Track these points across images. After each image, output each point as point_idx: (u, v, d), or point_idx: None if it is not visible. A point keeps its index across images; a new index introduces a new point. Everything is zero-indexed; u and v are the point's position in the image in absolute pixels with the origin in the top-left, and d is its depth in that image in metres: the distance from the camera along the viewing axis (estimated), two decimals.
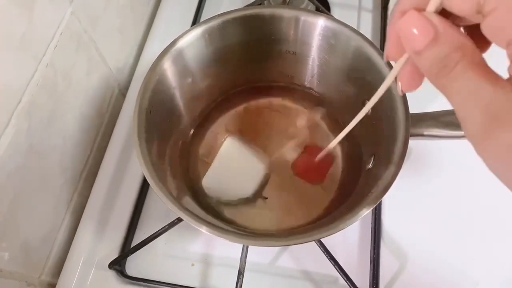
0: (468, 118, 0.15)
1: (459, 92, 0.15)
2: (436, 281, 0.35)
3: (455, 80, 0.15)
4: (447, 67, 0.15)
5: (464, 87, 0.15)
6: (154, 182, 0.28)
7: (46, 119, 0.34)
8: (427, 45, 0.16)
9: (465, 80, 0.15)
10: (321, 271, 0.36)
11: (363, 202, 0.27)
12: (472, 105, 0.15)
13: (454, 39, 0.16)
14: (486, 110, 0.15)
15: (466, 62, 0.15)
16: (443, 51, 0.16)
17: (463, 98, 0.15)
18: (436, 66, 0.16)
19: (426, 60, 0.16)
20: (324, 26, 0.32)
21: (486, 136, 0.15)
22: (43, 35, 0.32)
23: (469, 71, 0.15)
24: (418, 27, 0.16)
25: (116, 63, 0.45)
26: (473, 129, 0.15)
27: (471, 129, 0.15)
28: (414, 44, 0.16)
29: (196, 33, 0.33)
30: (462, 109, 0.16)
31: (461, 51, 0.15)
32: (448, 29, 0.16)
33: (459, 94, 0.16)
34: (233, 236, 0.26)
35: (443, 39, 0.16)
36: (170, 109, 0.34)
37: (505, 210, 0.37)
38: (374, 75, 0.31)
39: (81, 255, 0.38)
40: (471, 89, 0.15)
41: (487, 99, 0.15)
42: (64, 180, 0.38)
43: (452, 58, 0.15)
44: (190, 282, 0.36)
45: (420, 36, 0.16)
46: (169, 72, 0.32)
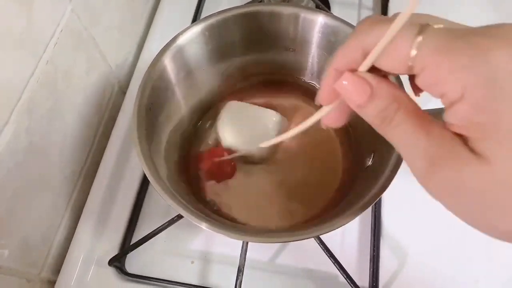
0: (410, 162, 0.17)
1: (400, 140, 0.17)
2: (436, 279, 0.35)
3: (395, 129, 0.17)
4: (387, 118, 0.17)
5: (403, 136, 0.17)
6: (154, 178, 0.28)
7: (46, 116, 0.34)
8: (365, 101, 0.18)
9: (403, 130, 0.17)
10: (320, 269, 0.36)
11: (363, 199, 0.27)
12: (412, 151, 0.17)
13: (389, 92, 0.18)
14: (424, 156, 0.16)
15: (402, 112, 0.17)
16: (381, 104, 0.17)
17: (404, 146, 0.17)
18: (378, 118, 0.18)
19: (368, 113, 0.18)
20: (324, 23, 0.32)
21: (427, 177, 0.17)
22: (43, 33, 0.32)
23: (405, 121, 0.17)
24: (356, 86, 0.18)
25: (116, 61, 0.45)
26: (416, 172, 0.17)
27: (415, 171, 0.17)
28: (355, 101, 0.18)
29: (196, 30, 0.33)
30: (405, 154, 0.18)
31: (397, 103, 0.17)
32: (383, 85, 0.18)
33: (400, 142, 0.17)
34: (232, 232, 0.26)
35: (379, 94, 0.18)
36: (170, 106, 0.34)
37: None
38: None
39: (81, 252, 0.38)
40: (409, 138, 0.17)
41: (422, 146, 0.16)
42: (64, 177, 0.38)
43: (390, 110, 0.17)
44: (189, 279, 0.36)
45: (359, 94, 0.18)
46: (169, 69, 0.32)
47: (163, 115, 0.33)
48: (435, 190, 0.17)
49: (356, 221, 0.38)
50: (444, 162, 0.16)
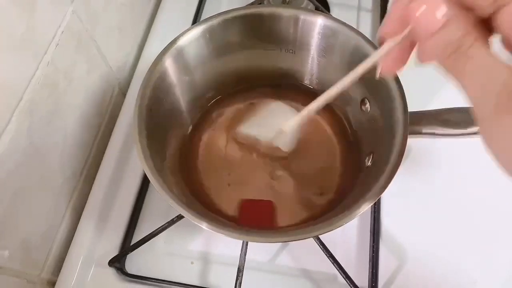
0: (481, 97, 0.15)
1: (473, 72, 0.16)
2: (435, 279, 0.36)
3: (469, 60, 0.16)
4: (461, 48, 0.16)
5: (479, 67, 0.15)
6: (155, 179, 0.28)
7: (47, 117, 0.34)
8: (442, 26, 0.16)
9: (480, 60, 0.15)
10: (320, 269, 0.36)
11: (362, 199, 0.27)
12: (487, 83, 0.15)
13: (467, 21, 0.16)
14: (502, 90, 0.15)
15: (480, 43, 0.16)
16: (458, 32, 0.16)
17: (478, 78, 0.15)
18: (450, 47, 0.16)
19: (439, 41, 0.16)
20: (323, 25, 0.33)
21: (501, 114, 0.15)
22: (44, 34, 0.32)
23: (485, 51, 0.15)
24: (434, 8, 0.16)
25: (117, 62, 0.45)
26: (486, 109, 0.15)
27: (483, 109, 0.15)
28: (428, 26, 0.16)
29: (196, 31, 0.33)
30: (476, 89, 0.16)
31: (474, 34, 0.16)
32: (461, 12, 0.16)
33: (472, 74, 0.16)
34: (232, 231, 0.26)
35: (456, 21, 0.16)
36: (171, 106, 0.35)
37: (503, 208, 0.38)
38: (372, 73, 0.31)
39: (81, 253, 0.38)
40: (486, 69, 0.15)
41: (503, 79, 0.15)
42: (64, 178, 0.38)
43: (467, 39, 0.16)
44: (189, 280, 0.36)
45: (434, 17, 0.16)
46: (170, 69, 0.33)
47: (164, 116, 0.33)
48: (507, 130, 0.15)
49: (355, 222, 0.38)
50: None
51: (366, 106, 0.33)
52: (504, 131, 0.15)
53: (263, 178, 0.37)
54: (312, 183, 0.36)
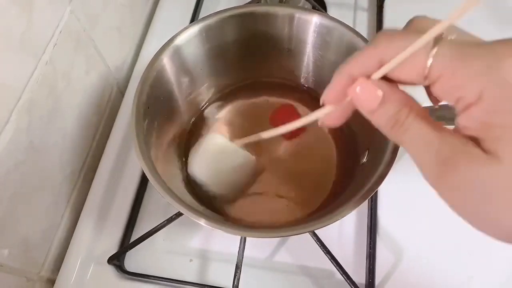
0: (422, 165, 0.18)
1: (412, 142, 0.18)
2: (431, 275, 0.36)
3: (407, 131, 0.18)
4: (399, 121, 0.18)
5: (415, 136, 0.18)
6: (153, 177, 0.28)
7: (46, 117, 0.35)
8: (378, 106, 0.18)
9: (415, 130, 0.18)
10: (318, 266, 0.37)
11: (357, 195, 0.27)
12: (424, 152, 0.17)
13: (401, 97, 0.18)
14: (436, 158, 0.17)
15: (414, 115, 0.18)
16: (393, 108, 0.18)
17: (416, 147, 0.18)
18: (390, 122, 0.18)
19: (380, 117, 0.19)
20: (319, 23, 0.33)
21: (440, 179, 0.17)
22: (43, 34, 0.33)
23: (417, 123, 0.18)
24: (369, 92, 0.19)
25: (115, 62, 0.45)
26: (428, 174, 0.17)
27: (426, 173, 0.18)
28: (367, 106, 0.19)
29: (193, 30, 0.33)
30: (416, 156, 0.18)
31: (408, 107, 0.18)
32: (394, 90, 0.19)
33: (411, 143, 0.18)
34: (230, 228, 0.26)
35: (391, 98, 0.18)
36: (168, 105, 0.35)
37: None
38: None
39: (80, 251, 0.38)
40: (421, 138, 0.17)
41: (435, 146, 0.17)
42: (63, 176, 0.39)
43: (402, 113, 0.18)
44: (188, 277, 0.36)
45: (371, 99, 0.19)
46: (167, 68, 0.33)
47: (161, 114, 0.34)
48: (447, 191, 0.17)
49: (352, 218, 0.38)
50: (458, 162, 0.16)
51: None
52: (445, 191, 0.17)
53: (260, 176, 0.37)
54: (308, 180, 0.37)
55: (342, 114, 0.22)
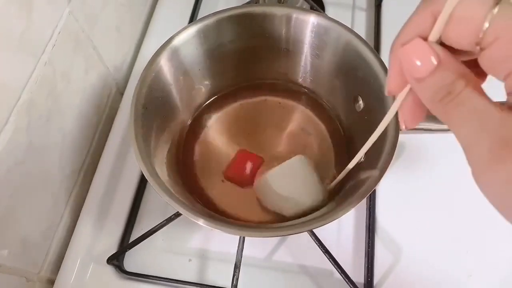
0: (474, 144, 0.15)
1: (464, 119, 0.15)
2: (430, 273, 0.36)
3: (460, 105, 0.15)
4: (452, 93, 0.15)
5: (470, 112, 0.15)
6: (151, 177, 0.28)
7: (45, 117, 0.35)
8: (431, 71, 0.16)
9: (471, 106, 0.15)
10: (316, 265, 0.37)
11: (355, 194, 0.27)
12: (479, 130, 0.15)
13: (457, 66, 0.16)
14: (495, 135, 0.14)
15: (470, 88, 0.15)
16: (448, 78, 0.16)
17: (469, 124, 0.15)
18: (440, 93, 0.16)
19: (429, 87, 0.16)
20: (316, 23, 0.33)
21: (494, 163, 0.14)
22: (42, 34, 0.33)
23: (475, 97, 0.15)
24: (422, 54, 0.16)
25: (114, 62, 0.46)
26: (479, 156, 0.15)
27: (476, 155, 0.15)
28: (418, 71, 0.16)
29: (191, 31, 0.33)
30: (467, 135, 0.15)
31: (464, 79, 0.16)
32: (451, 58, 0.16)
33: (464, 121, 0.15)
34: (228, 227, 0.26)
35: (446, 66, 0.16)
36: (167, 105, 0.35)
37: None
38: (365, 70, 0.31)
39: (80, 251, 0.38)
40: (478, 114, 0.15)
41: (495, 124, 0.14)
42: (63, 176, 0.39)
43: (457, 84, 0.15)
44: (187, 277, 0.37)
45: (424, 63, 0.16)
46: (165, 69, 0.33)
47: (160, 114, 0.34)
48: (499, 182, 0.14)
49: (350, 218, 0.38)
50: None
51: (359, 103, 0.34)
52: (497, 181, 0.15)
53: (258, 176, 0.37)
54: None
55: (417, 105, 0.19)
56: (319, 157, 0.38)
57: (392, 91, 0.19)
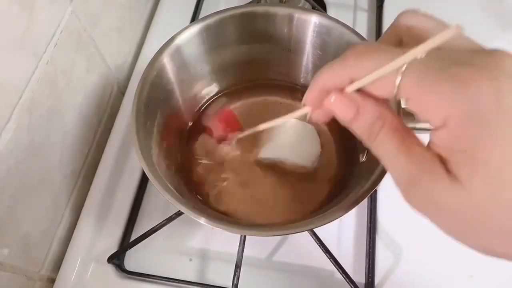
0: (393, 176, 0.19)
1: (384, 156, 0.19)
2: (431, 274, 0.36)
3: (379, 146, 0.19)
4: (373, 134, 0.19)
5: (386, 153, 0.18)
6: (153, 176, 0.28)
7: (47, 116, 0.35)
8: (352, 118, 0.19)
9: (386, 148, 0.18)
10: (317, 266, 0.37)
11: (356, 193, 0.27)
12: (394, 167, 0.18)
13: (375, 110, 0.19)
14: (404, 173, 0.18)
15: (386, 129, 0.18)
16: (367, 121, 0.19)
17: (387, 161, 0.19)
18: (365, 133, 0.19)
19: (356, 128, 0.19)
20: (318, 23, 0.33)
21: (406, 192, 0.18)
22: (44, 33, 0.33)
23: (388, 139, 0.18)
24: (343, 105, 0.19)
25: (115, 62, 0.46)
26: (398, 185, 0.18)
27: (397, 185, 0.19)
28: (343, 117, 0.19)
29: (194, 30, 0.33)
30: (388, 169, 0.19)
31: (381, 120, 0.18)
32: (368, 102, 0.19)
33: (383, 157, 0.19)
34: (229, 226, 0.26)
35: (365, 111, 0.19)
36: (168, 104, 0.35)
37: None
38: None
39: (80, 250, 0.38)
40: (391, 156, 0.18)
41: (403, 164, 0.18)
42: (64, 175, 0.39)
43: (375, 126, 0.18)
44: (188, 277, 0.37)
45: (346, 112, 0.19)
46: (167, 67, 0.33)
47: (162, 113, 0.34)
48: (414, 204, 0.18)
49: (352, 218, 0.38)
50: (420, 179, 0.17)
51: None
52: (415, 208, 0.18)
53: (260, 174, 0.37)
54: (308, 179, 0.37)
55: (325, 114, 0.23)
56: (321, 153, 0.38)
57: (308, 105, 0.23)
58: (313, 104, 0.22)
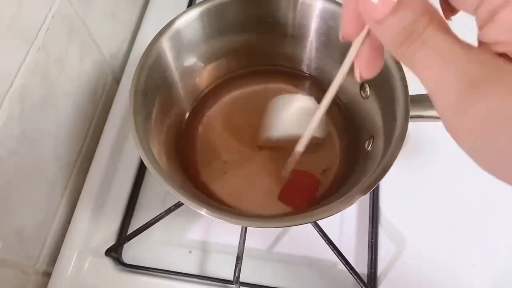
0: (440, 87, 0.14)
1: (429, 60, 0.14)
2: (434, 264, 0.36)
3: (424, 46, 0.14)
4: (415, 33, 0.14)
5: (435, 53, 0.14)
6: (152, 165, 0.27)
7: (39, 105, 0.33)
8: (390, 11, 0.14)
9: (436, 45, 0.14)
10: (320, 257, 0.36)
11: (361, 184, 0.27)
12: (446, 71, 0.14)
13: (419, 3, 0.14)
14: (461, 78, 0.13)
15: (434, 26, 0.14)
16: (409, 16, 0.14)
17: (434, 66, 0.14)
18: (403, 34, 0.14)
19: (390, 28, 0.15)
20: (322, 8, 0.32)
21: (464, 106, 0.13)
22: (34, 18, 0.31)
23: (439, 35, 0.14)
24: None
25: (110, 49, 0.44)
26: (447, 100, 0.14)
27: (444, 100, 0.14)
28: (376, 11, 0.15)
29: (193, 14, 0.32)
30: (432, 77, 0.14)
31: (428, 16, 0.14)
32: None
33: (428, 62, 0.14)
34: (232, 217, 0.25)
35: (407, 3, 0.14)
36: (166, 91, 0.34)
37: (501, 194, 0.38)
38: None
39: (77, 243, 0.37)
40: (443, 54, 0.14)
41: (461, 64, 0.13)
42: (58, 167, 0.38)
43: (420, 23, 0.14)
44: (188, 269, 0.36)
45: (383, 2, 0.14)
46: (166, 53, 0.32)
47: (159, 100, 0.32)
48: (472, 122, 0.13)
49: (354, 209, 0.38)
50: (490, 84, 0.13)
51: (366, 90, 0.33)
52: (468, 126, 0.14)
53: (260, 164, 0.36)
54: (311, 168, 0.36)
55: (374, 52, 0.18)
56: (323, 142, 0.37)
57: (348, 36, 0.18)
58: (354, 31, 0.17)
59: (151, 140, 0.30)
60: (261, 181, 0.36)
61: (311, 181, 0.35)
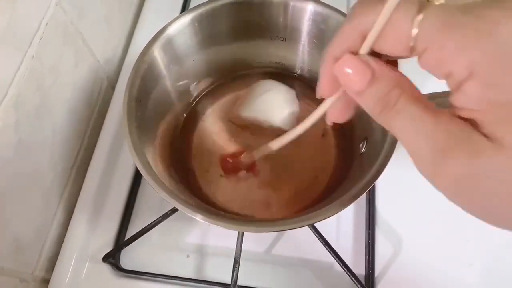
0: (415, 153, 0.16)
1: (403, 128, 0.16)
2: (431, 264, 0.36)
3: (398, 115, 0.16)
4: (389, 104, 0.16)
5: (407, 122, 0.16)
6: (146, 171, 0.27)
7: (35, 113, 0.34)
8: (366, 85, 0.16)
9: (408, 114, 0.16)
10: (317, 258, 0.36)
11: (356, 186, 0.27)
12: (417, 140, 0.15)
13: (392, 77, 0.16)
14: (431, 145, 0.15)
15: (406, 97, 0.16)
16: (383, 89, 0.16)
17: (408, 133, 0.16)
18: (379, 104, 0.16)
19: (368, 99, 0.17)
20: (314, 11, 0.32)
21: (436, 170, 0.15)
22: (28, 26, 0.31)
23: (410, 105, 0.16)
24: (356, 69, 0.17)
25: (104, 55, 0.44)
26: (423, 164, 0.16)
27: (421, 163, 0.16)
28: (354, 85, 0.17)
29: (185, 20, 0.32)
30: (409, 145, 0.16)
31: (399, 88, 0.16)
32: (384, 68, 0.17)
33: (403, 130, 0.16)
34: (227, 222, 0.26)
35: (380, 78, 0.16)
36: (160, 97, 0.34)
37: None
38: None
39: (74, 249, 0.37)
40: (414, 126, 0.15)
41: (430, 133, 0.15)
42: (54, 174, 0.38)
43: (393, 95, 0.16)
44: (185, 273, 0.36)
45: (359, 77, 0.16)
46: (159, 59, 0.32)
47: (153, 107, 0.33)
48: (446, 184, 0.15)
49: (350, 210, 0.38)
50: (456, 150, 0.14)
51: None
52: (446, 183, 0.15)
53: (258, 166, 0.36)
54: (306, 171, 0.36)
55: (346, 105, 0.20)
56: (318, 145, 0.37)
57: (324, 95, 0.20)
58: (329, 91, 0.19)
59: (146, 146, 0.30)
60: (258, 182, 0.36)
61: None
